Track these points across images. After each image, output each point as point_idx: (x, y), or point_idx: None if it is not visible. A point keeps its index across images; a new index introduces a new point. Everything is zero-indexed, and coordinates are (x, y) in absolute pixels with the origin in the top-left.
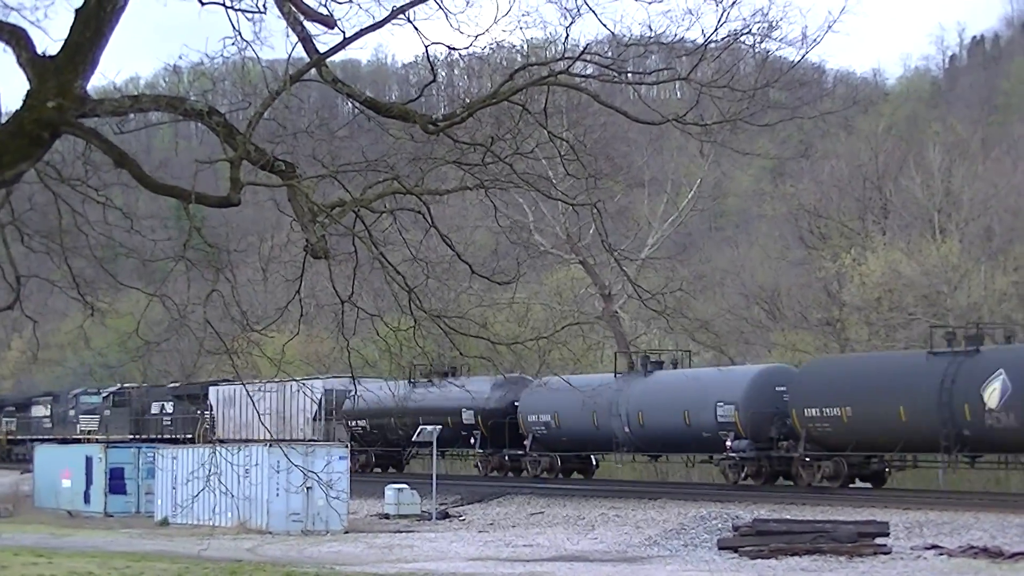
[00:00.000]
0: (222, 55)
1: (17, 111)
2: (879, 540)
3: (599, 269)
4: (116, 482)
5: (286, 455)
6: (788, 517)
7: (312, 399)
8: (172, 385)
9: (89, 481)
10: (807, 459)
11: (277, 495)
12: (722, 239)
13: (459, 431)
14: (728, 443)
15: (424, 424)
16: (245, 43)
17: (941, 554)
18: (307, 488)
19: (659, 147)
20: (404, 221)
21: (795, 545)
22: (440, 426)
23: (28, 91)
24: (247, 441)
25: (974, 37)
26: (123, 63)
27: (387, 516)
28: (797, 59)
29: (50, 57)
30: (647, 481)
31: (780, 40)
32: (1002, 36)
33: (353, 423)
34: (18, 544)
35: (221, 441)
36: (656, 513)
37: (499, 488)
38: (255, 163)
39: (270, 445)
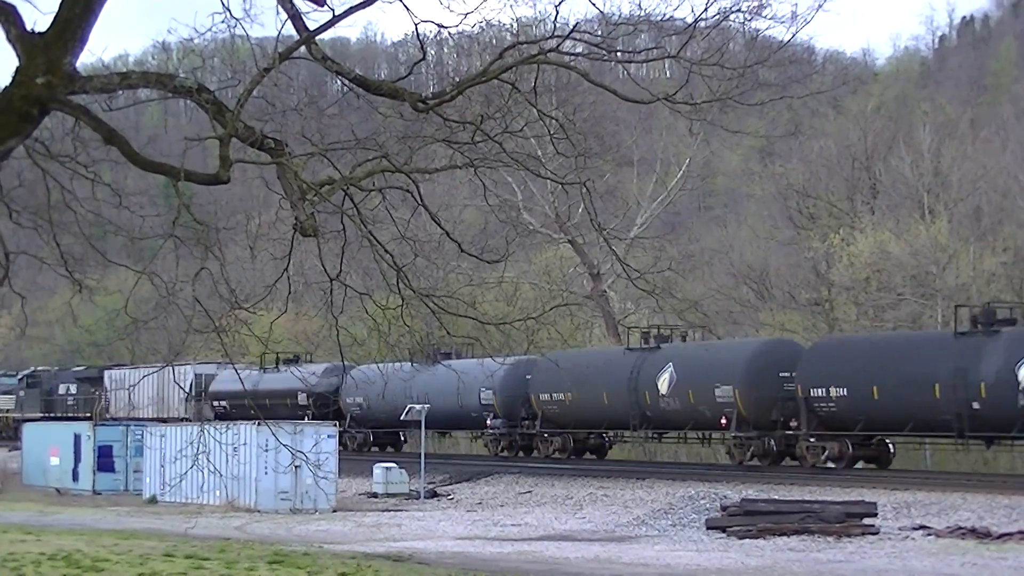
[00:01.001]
0: (211, 32)
1: (6, 87)
2: (867, 520)
3: (588, 248)
4: (104, 460)
5: (275, 435)
6: (776, 497)
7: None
8: (76, 369)
9: (77, 459)
10: (545, 435)
11: (266, 474)
12: (711, 219)
13: (296, 410)
14: (488, 422)
15: (272, 404)
16: (235, 20)
17: (929, 535)
18: (295, 467)
19: (648, 126)
20: (393, 199)
21: (783, 525)
22: (428, 405)
23: (17, 67)
24: (136, 419)
25: (964, 17)
26: (112, 40)
27: (375, 495)
28: (787, 38)
29: (39, 33)
30: (636, 461)
31: (770, 18)
32: (992, 16)
33: (216, 403)
34: (6, 522)
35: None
36: (644, 493)
37: (488, 468)
38: (244, 141)
39: (258, 424)
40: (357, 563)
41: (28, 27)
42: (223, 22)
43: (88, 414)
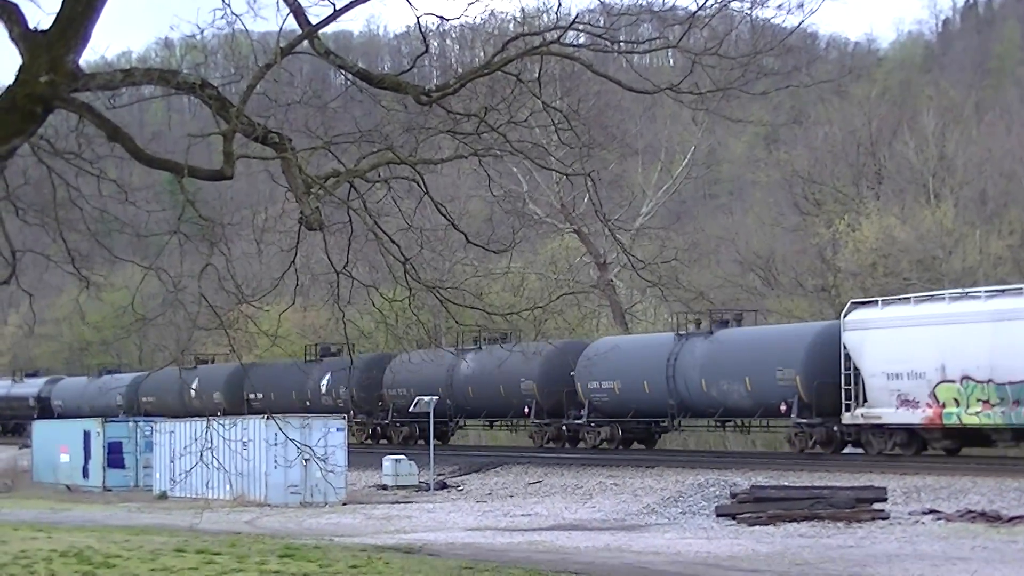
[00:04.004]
0: (213, 28)
1: (10, 86)
2: (877, 505)
3: (594, 238)
4: (114, 456)
5: (281, 429)
6: (785, 484)
7: None
8: None
9: (87, 455)
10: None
11: (275, 467)
12: (716, 207)
13: (28, 412)
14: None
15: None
16: (235, 16)
17: (939, 519)
18: (305, 460)
19: (652, 115)
20: (398, 191)
21: (793, 511)
22: (436, 397)
23: (20, 66)
24: None
25: (967, 1)
26: (115, 37)
27: (385, 487)
28: (793, 25)
29: (42, 32)
30: (644, 449)
31: (776, 7)
32: None
33: None
34: (17, 519)
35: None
36: (654, 481)
37: (497, 458)
38: (248, 136)
39: (267, 418)
40: (368, 555)
41: (31, 25)
42: (223, 18)
43: None
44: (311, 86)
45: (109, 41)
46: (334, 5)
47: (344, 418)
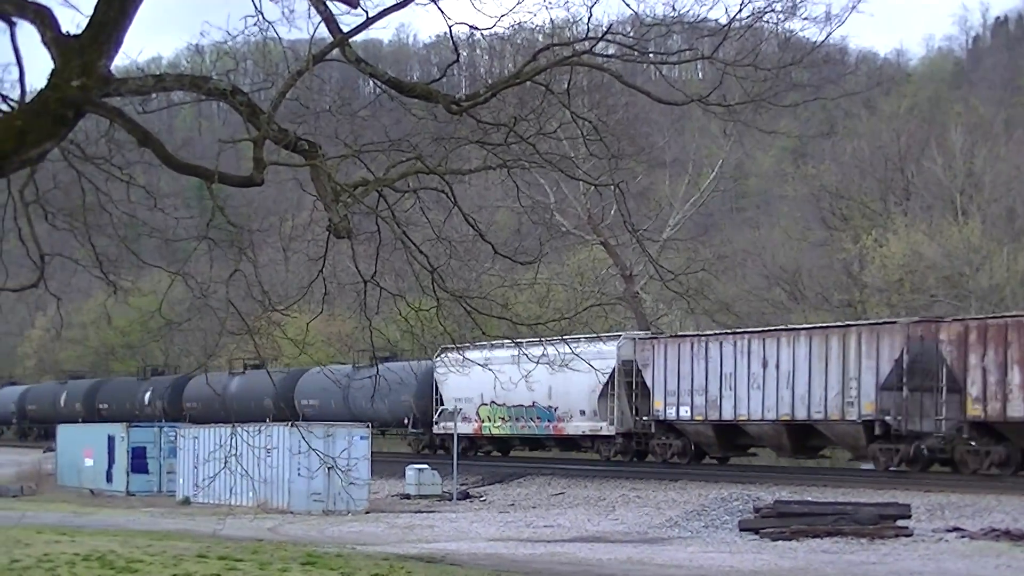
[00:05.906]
0: (244, 35)
1: (41, 90)
2: (901, 522)
3: (621, 250)
4: (138, 461)
5: (305, 440)
6: (809, 499)
7: None
8: None
9: (111, 460)
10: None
11: (298, 475)
12: (743, 220)
13: None
14: None
15: None
16: (267, 23)
17: (963, 536)
18: (328, 468)
19: (681, 127)
20: (427, 201)
21: (816, 527)
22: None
23: (52, 70)
24: None
25: (997, 17)
26: (146, 43)
27: (408, 496)
28: (821, 38)
29: (74, 36)
30: (668, 462)
31: (804, 18)
32: None
33: None
34: (41, 522)
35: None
36: (677, 494)
37: (520, 469)
38: (278, 143)
39: (291, 426)
40: (390, 564)
41: (63, 30)
42: (255, 25)
43: None
44: (341, 94)
45: (141, 46)
46: (366, 13)
47: (368, 426)
